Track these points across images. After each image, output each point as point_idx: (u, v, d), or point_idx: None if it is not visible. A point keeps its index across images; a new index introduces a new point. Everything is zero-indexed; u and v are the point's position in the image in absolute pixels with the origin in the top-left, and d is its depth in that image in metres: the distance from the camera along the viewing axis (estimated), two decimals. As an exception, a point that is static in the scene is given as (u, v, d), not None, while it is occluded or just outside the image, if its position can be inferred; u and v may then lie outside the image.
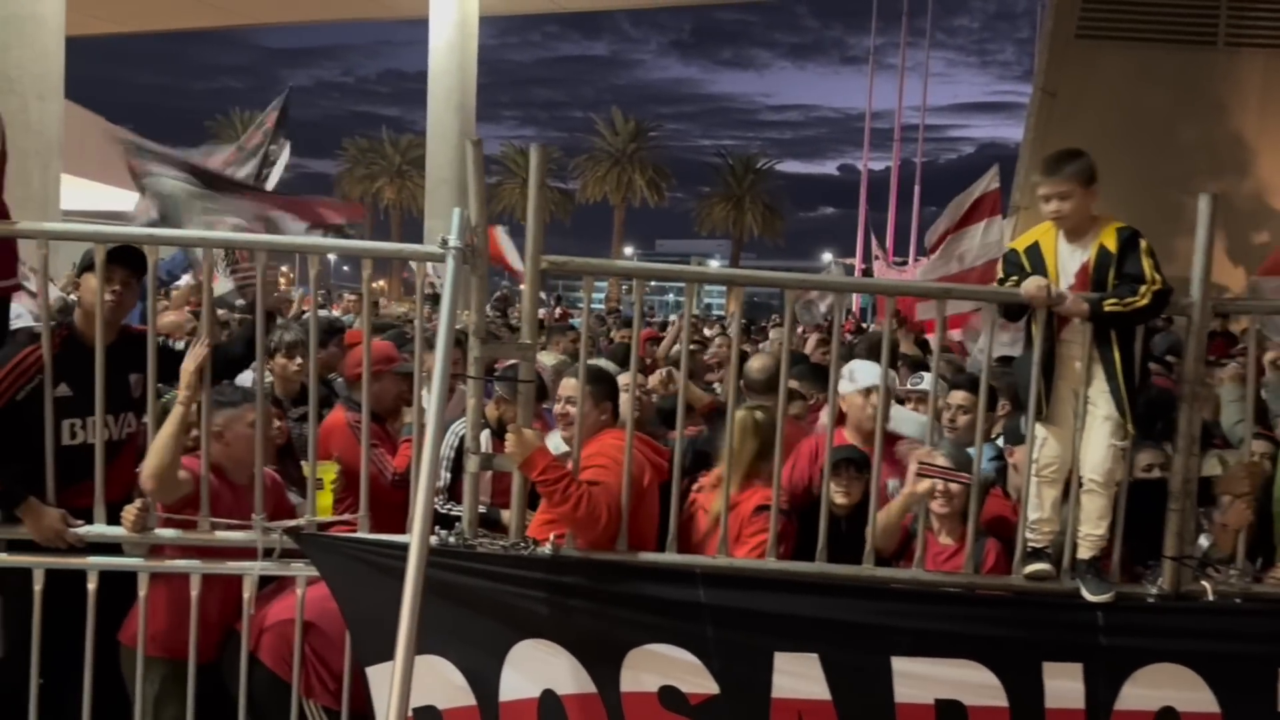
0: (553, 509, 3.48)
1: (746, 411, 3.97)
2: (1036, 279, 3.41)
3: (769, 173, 64.11)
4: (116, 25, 27.57)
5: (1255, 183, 17.66)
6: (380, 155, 63.40)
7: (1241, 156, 18.27)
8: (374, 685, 3.46)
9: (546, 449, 3.49)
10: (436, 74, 22.04)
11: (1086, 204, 3.44)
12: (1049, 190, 3.43)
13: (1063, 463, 3.48)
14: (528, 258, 3.44)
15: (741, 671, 3.40)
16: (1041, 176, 3.47)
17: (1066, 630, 3.46)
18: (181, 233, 3.52)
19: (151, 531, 3.52)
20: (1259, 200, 17.44)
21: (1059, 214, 3.44)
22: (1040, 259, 3.48)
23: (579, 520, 3.42)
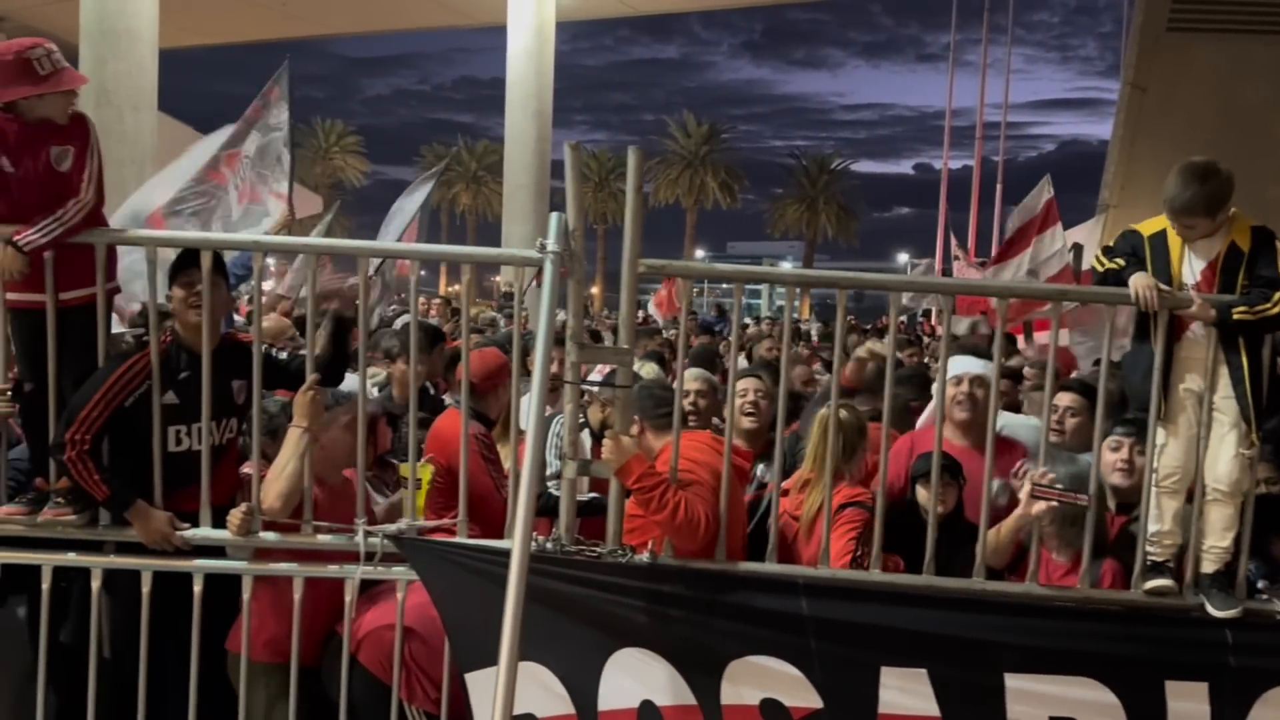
0: (650, 516, 3.42)
1: (829, 409, 3.91)
2: (1142, 277, 3.26)
3: (843, 173, 63.47)
4: (205, 37, 28.44)
5: (1360, 178, 16.89)
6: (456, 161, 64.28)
7: (1344, 151, 17.52)
8: (473, 692, 3.45)
9: (643, 456, 3.44)
10: (514, 80, 22.28)
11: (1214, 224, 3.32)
12: (1176, 225, 3.32)
13: (1185, 473, 3.32)
14: (625, 261, 3.40)
15: (846, 685, 3.30)
16: (1167, 211, 3.33)
17: (1191, 648, 3.29)
18: (288, 240, 3.55)
19: (256, 535, 3.56)
20: (1364, 196, 16.70)
21: (1189, 238, 3.32)
22: (1165, 250, 3.33)
23: (678, 527, 3.36)
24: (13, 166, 3.44)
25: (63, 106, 3.51)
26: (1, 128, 3.46)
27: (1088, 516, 3.40)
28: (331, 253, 3.69)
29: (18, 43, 3.47)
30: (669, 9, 30.49)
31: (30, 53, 3.42)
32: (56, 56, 3.47)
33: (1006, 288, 3.73)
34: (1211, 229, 3.30)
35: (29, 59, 3.41)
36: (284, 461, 3.54)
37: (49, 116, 3.48)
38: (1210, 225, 3.29)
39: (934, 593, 3.40)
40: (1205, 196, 3.24)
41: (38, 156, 3.45)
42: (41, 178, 3.45)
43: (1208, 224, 3.29)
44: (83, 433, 3.43)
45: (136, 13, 16.40)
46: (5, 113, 3.47)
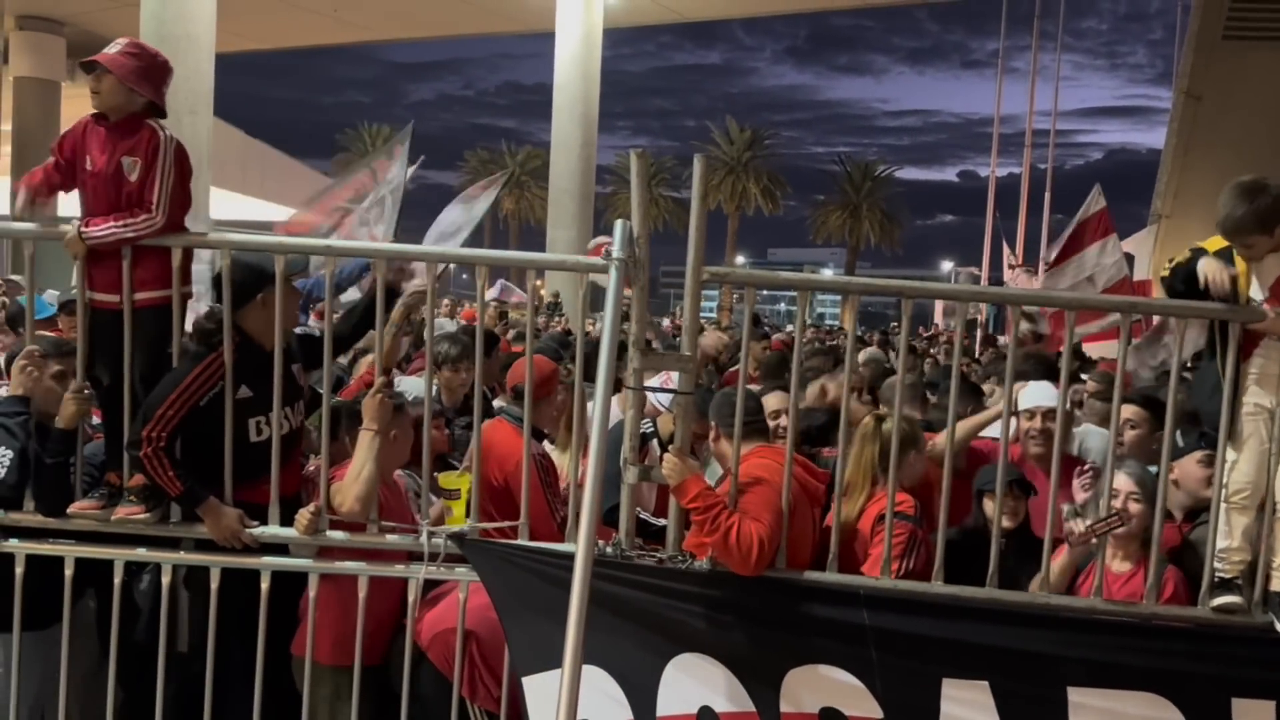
0: (703, 538, 3.37)
1: (872, 418, 3.96)
2: (1212, 261, 3.23)
3: (887, 179, 62.99)
4: (259, 43, 28.93)
5: None
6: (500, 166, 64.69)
7: (1405, 162, 17.14)
8: (530, 695, 3.49)
9: (701, 476, 3.43)
10: (561, 85, 22.40)
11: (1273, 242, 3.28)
12: (1236, 245, 3.29)
13: (1256, 489, 3.28)
14: (690, 269, 3.42)
15: (907, 697, 3.30)
16: (1221, 233, 3.30)
17: (1259, 666, 3.25)
18: (358, 244, 3.62)
19: (323, 534, 3.62)
20: None
21: (1252, 256, 3.29)
22: (1232, 263, 3.29)
23: (729, 551, 3.30)
24: (93, 165, 3.58)
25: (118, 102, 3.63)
26: (93, 128, 3.60)
27: (1153, 528, 3.37)
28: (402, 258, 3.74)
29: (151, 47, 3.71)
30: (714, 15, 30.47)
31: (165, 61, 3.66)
32: None
33: (1077, 299, 3.69)
34: (1273, 245, 3.27)
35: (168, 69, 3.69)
36: (359, 465, 3.61)
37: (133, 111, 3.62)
38: (1270, 242, 3.25)
39: (997, 606, 3.38)
40: (1255, 214, 3.21)
41: (113, 160, 3.56)
42: (113, 181, 3.56)
43: (1266, 241, 3.25)
44: (159, 430, 3.51)
45: (195, 18, 16.73)
46: (96, 118, 3.60)
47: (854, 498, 3.85)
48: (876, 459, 3.83)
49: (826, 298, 69.29)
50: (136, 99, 3.60)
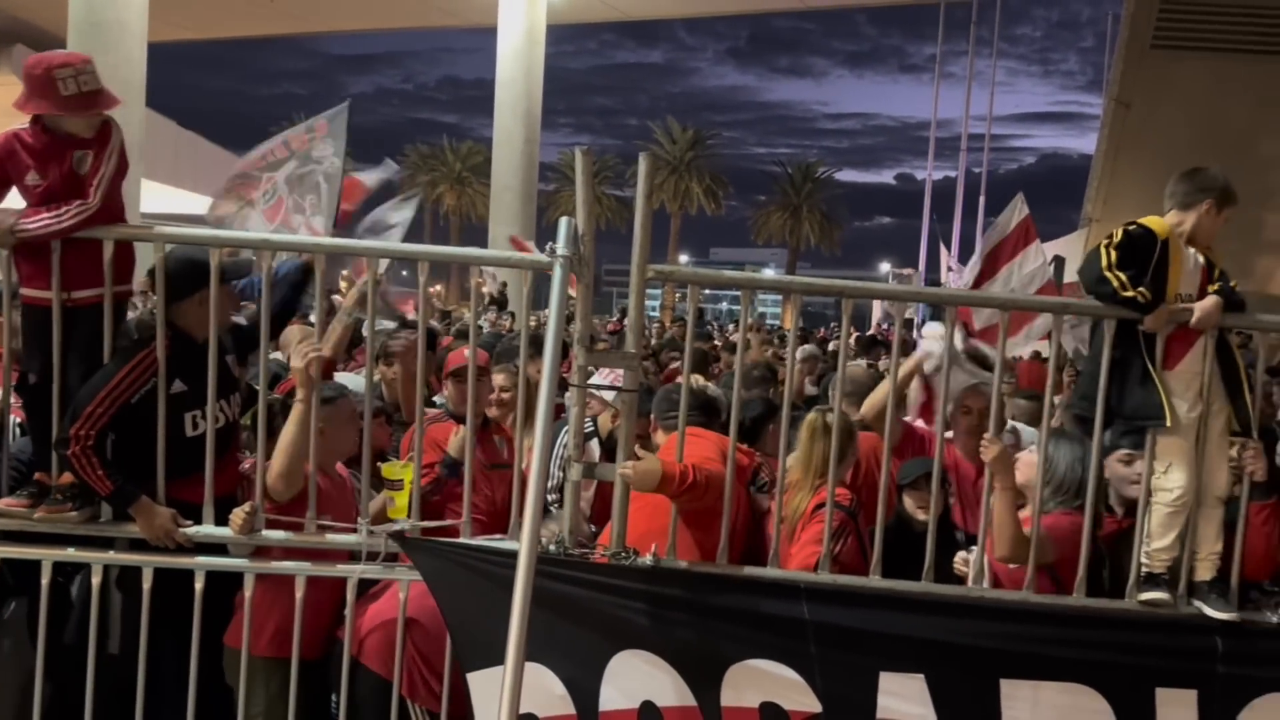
0: (697, 503, 3.51)
1: (816, 413, 4.03)
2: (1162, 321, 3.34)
3: (826, 181, 63.68)
4: (195, 32, 28.32)
5: (1339, 198, 17.14)
6: (441, 162, 64.14)
7: (1323, 171, 17.78)
8: (475, 691, 3.47)
9: (669, 461, 3.51)
10: (503, 81, 22.28)
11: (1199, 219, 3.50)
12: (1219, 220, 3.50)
13: (1188, 491, 3.37)
14: (634, 267, 3.43)
15: (846, 690, 3.34)
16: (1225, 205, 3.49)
17: (1182, 656, 3.36)
18: (297, 238, 3.57)
19: (259, 534, 3.56)
20: (1342, 216, 16.96)
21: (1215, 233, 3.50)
22: (1166, 262, 3.39)
23: (715, 493, 3.47)
24: (40, 178, 3.45)
25: (88, 123, 3.48)
26: (29, 140, 3.45)
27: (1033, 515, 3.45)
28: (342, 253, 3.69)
29: (52, 57, 3.44)
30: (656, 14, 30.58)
31: (58, 71, 3.37)
32: (86, 77, 3.41)
33: (1011, 300, 3.78)
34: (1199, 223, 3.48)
35: (54, 77, 3.36)
36: (284, 439, 3.56)
37: (73, 132, 3.47)
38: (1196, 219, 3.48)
39: (933, 599, 3.45)
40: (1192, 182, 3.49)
41: (62, 164, 3.45)
42: (66, 184, 3.45)
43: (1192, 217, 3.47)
44: (87, 428, 3.43)
45: (127, 5, 16.32)
46: (35, 124, 3.47)
47: (801, 493, 3.90)
48: (824, 454, 3.88)
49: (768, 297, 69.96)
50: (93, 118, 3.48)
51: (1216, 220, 3.47)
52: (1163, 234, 3.39)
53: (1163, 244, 3.38)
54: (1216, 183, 3.46)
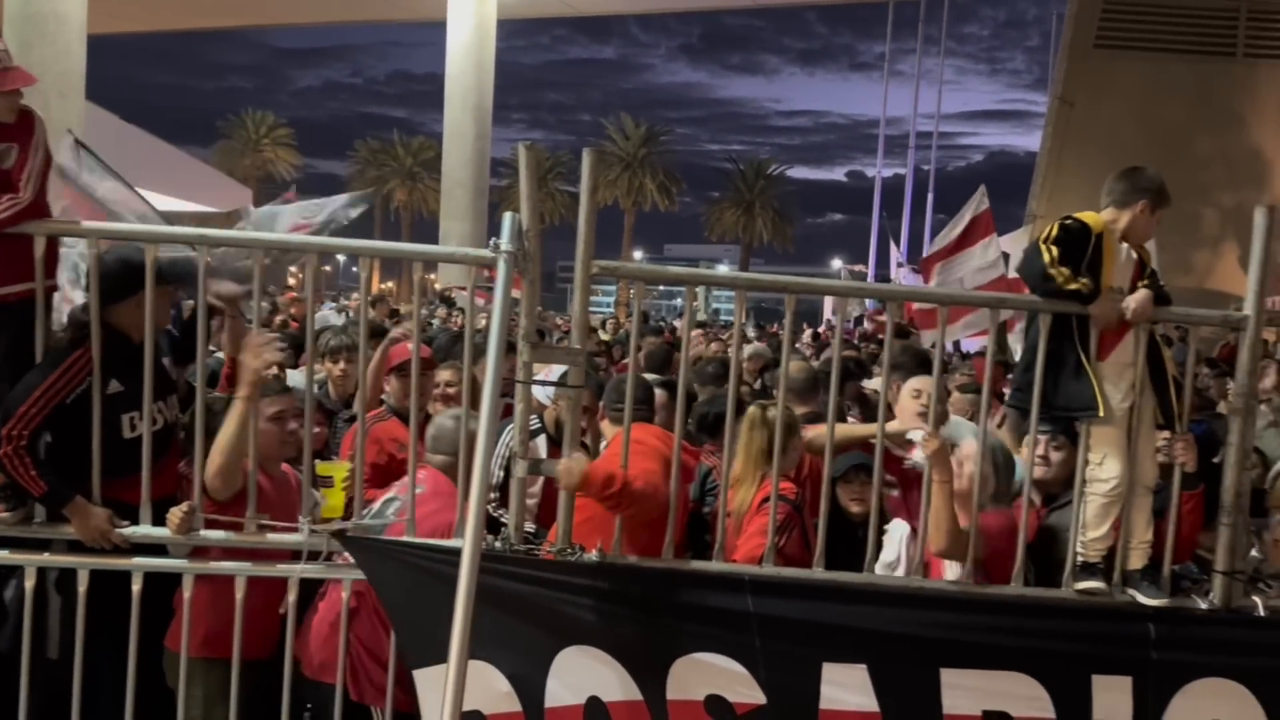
0: (627, 512, 3.45)
1: (757, 408, 4.09)
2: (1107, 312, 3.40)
3: (779, 178, 64.16)
4: (136, 24, 27.73)
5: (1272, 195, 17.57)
6: (391, 157, 63.57)
7: (1258, 169, 18.23)
8: (421, 689, 3.45)
9: (597, 465, 3.48)
10: (453, 76, 22.12)
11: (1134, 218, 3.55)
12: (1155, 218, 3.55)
13: (1122, 480, 3.44)
14: (579, 262, 3.43)
15: (789, 682, 3.38)
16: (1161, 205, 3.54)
17: (1117, 643, 3.43)
18: (235, 234, 3.51)
19: (197, 533, 3.51)
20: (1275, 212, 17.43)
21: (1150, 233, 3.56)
22: (1100, 256, 3.45)
23: (650, 509, 3.44)
24: None
25: (7, 106, 3.42)
26: None
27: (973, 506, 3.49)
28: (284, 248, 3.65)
29: None
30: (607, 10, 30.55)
31: None
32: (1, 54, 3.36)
33: (949, 295, 3.84)
34: (1134, 222, 3.53)
35: None
36: (222, 436, 3.51)
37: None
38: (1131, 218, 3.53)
39: (875, 589, 3.49)
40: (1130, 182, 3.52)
41: None
42: None
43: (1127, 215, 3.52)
44: (20, 429, 3.35)
45: (64, -4, 15.95)
46: None
47: (745, 486, 3.94)
48: (764, 447, 3.93)
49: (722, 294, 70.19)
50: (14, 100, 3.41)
51: (1151, 220, 3.54)
52: (1097, 228, 3.46)
53: (1097, 238, 3.44)
54: (1152, 183, 3.53)
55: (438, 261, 3.63)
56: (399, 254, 3.94)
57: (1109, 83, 18.46)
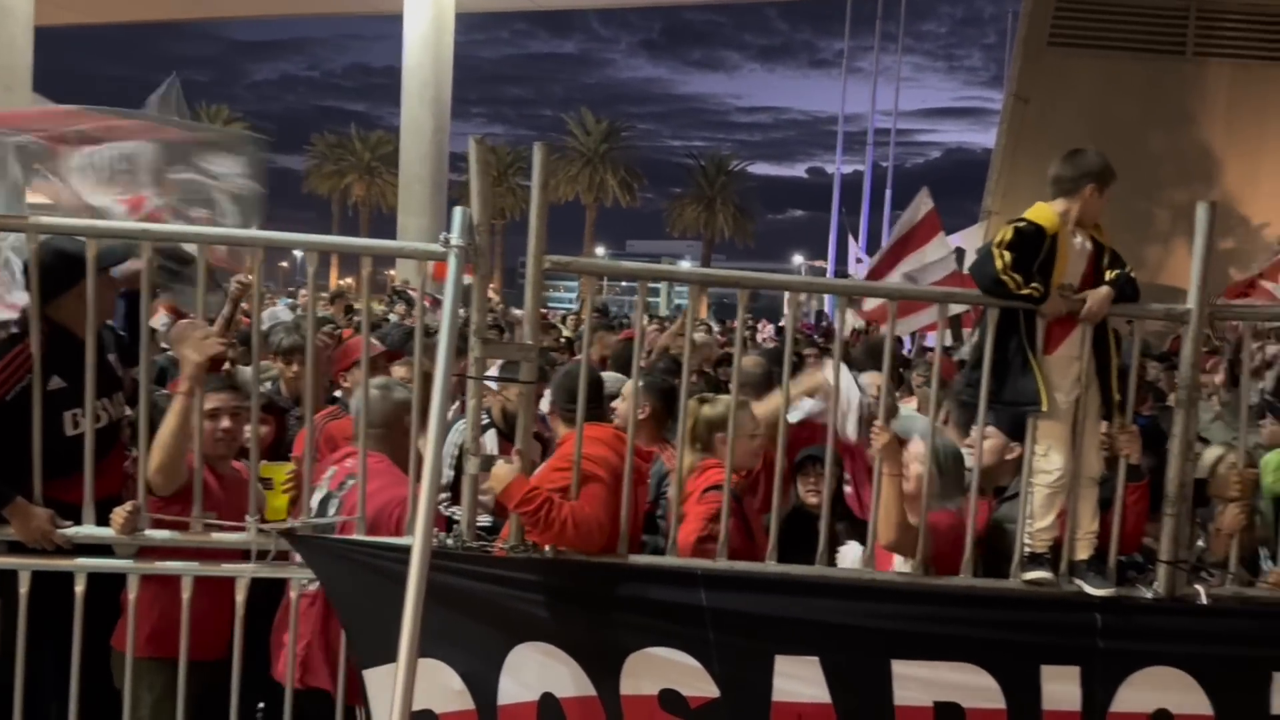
0: (537, 536, 3.36)
1: (695, 401, 4.13)
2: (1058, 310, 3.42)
3: (740, 174, 64.43)
4: (85, 16, 27.17)
5: (1221, 192, 17.91)
6: (349, 151, 62.93)
7: (1208, 166, 18.57)
8: (371, 688, 3.42)
9: (523, 479, 3.35)
10: (411, 69, 21.90)
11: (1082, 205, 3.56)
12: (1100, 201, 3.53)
13: (1066, 472, 3.48)
14: (531, 257, 3.40)
15: (742, 675, 3.38)
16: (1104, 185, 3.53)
17: (1065, 633, 3.47)
18: (177, 228, 3.44)
19: (142, 533, 3.45)
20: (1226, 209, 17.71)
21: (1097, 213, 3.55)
22: (1054, 254, 3.46)
23: (569, 542, 3.34)
24: None
25: None
26: None
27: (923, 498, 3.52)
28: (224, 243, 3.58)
29: None
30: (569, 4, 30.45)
31: None
32: None
33: (898, 290, 3.86)
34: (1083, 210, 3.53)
35: None
36: (162, 432, 3.46)
37: None
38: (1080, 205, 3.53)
39: (827, 582, 3.50)
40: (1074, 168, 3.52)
41: None
42: None
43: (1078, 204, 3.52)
44: None
45: (9, -14, 15.60)
46: None
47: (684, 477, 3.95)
48: (700, 437, 4.03)
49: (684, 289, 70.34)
50: None
51: (1100, 200, 3.54)
52: (1052, 228, 3.46)
53: (1052, 238, 3.47)
54: (1095, 164, 3.53)
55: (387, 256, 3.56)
56: (347, 249, 3.89)
57: (1063, 80, 18.66)
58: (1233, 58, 18.50)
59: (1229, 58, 18.53)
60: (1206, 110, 18.79)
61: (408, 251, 3.51)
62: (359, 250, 3.51)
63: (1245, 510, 3.64)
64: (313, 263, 3.45)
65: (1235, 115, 18.43)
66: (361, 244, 3.61)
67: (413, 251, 3.54)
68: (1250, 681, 3.45)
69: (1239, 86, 18.42)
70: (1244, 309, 4.99)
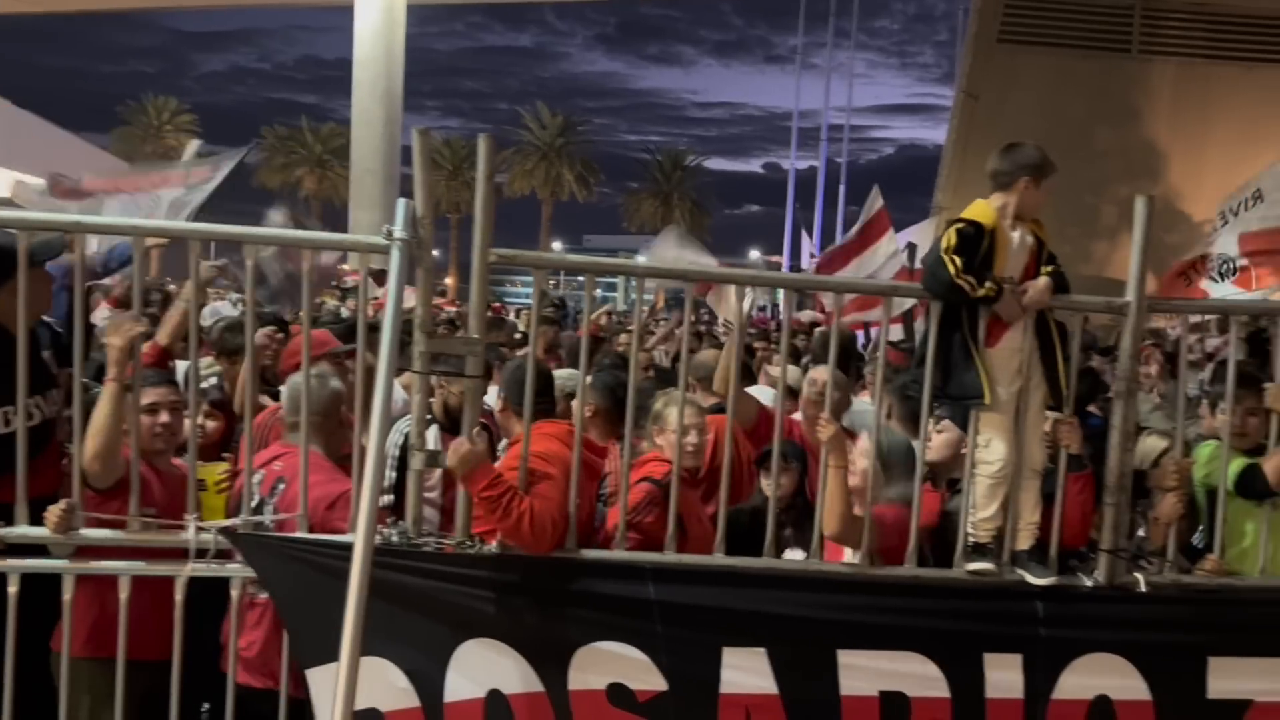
0: (494, 524, 3.36)
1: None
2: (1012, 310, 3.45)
3: (696, 169, 64.53)
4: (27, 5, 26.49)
5: (1166, 188, 18.22)
6: (300, 144, 62.08)
7: (1153, 162, 18.87)
8: (315, 687, 3.38)
9: (489, 465, 3.38)
10: (362, 61, 21.64)
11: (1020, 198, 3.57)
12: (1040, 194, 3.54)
13: (1008, 463, 3.52)
14: (476, 251, 3.37)
15: (690, 668, 3.39)
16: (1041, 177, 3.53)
17: (1007, 622, 3.52)
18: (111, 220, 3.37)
19: (77, 532, 3.37)
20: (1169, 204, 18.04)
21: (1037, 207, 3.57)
22: (993, 249, 3.49)
23: (523, 535, 3.32)
24: None
25: None
26: None
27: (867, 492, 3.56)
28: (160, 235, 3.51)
29: None
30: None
31: None
32: None
33: (844, 283, 3.89)
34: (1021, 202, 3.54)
35: None
36: (96, 420, 3.39)
37: None
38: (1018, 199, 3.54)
39: (773, 574, 3.52)
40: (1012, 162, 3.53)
41: None
42: None
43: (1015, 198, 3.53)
44: None
45: (-55, -27, 15.19)
46: None
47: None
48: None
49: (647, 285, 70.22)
50: None
51: (1038, 194, 3.54)
52: (990, 224, 3.49)
53: (990, 234, 3.50)
54: (1030, 158, 3.54)
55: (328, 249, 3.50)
56: (287, 242, 3.83)
57: (1012, 77, 18.86)
58: (1177, 56, 18.83)
59: (1173, 56, 18.86)
60: (1151, 107, 19.10)
61: (348, 244, 3.46)
62: (300, 243, 3.45)
63: (1182, 499, 3.70)
64: (252, 255, 3.39)
65: (1179, 112, 18.75)
66: (304, 237, 3.56)
67: (354, 244, 3.49)
68: (1186, 666, 3.52)
69: (1183, 84, 18.75)
70: (1181, 302, 5.08)
